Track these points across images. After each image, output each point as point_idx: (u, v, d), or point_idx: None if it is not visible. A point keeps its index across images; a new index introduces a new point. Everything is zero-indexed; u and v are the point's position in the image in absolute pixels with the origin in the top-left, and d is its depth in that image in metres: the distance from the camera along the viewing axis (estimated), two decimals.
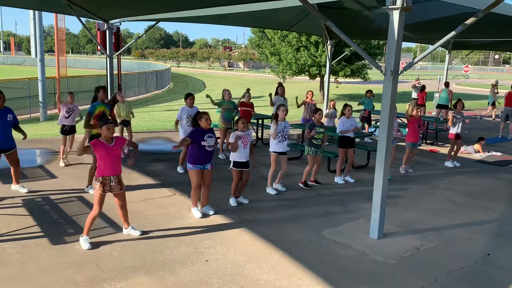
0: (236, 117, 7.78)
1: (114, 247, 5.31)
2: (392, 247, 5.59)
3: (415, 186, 8.39)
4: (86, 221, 5.35)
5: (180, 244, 5.46)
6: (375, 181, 5.70)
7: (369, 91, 13.14)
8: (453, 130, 9.97)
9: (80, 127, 8.56)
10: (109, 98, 9.44)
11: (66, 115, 8.88)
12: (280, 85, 11.52)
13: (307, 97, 11.58)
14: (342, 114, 8.42)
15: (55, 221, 6.07)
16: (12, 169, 7.10)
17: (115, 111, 9.21)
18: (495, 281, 4.89)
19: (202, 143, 6.08)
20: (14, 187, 7.21)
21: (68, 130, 8.94)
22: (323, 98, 15.12)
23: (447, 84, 16.59)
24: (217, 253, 5.26)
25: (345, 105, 8.48)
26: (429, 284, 4.74)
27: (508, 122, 14.61)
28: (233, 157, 6.85)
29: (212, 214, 6.47)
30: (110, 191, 5.31)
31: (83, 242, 5.28)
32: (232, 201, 7.01)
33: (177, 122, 8.81)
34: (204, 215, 6.40)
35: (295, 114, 14.74)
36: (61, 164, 8.88)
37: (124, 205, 5.56)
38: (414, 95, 17.81)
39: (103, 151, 5.16)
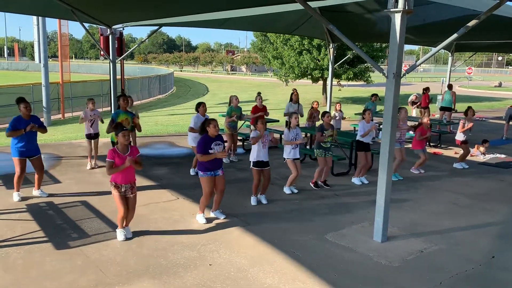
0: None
1: (118, 252, 5.32)
2: (396, 250, 5.57)
3: (418, 189, 8.36)
4: (117, 220, 5.70)
5: (183, 249, 5.46)
6: (378, 184, 5.69)
7: (375, 95, 13.15)
8: (460, 137, 9.97)
9: (103, 130, 8.82)
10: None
11: (90, 124, 9.13)
12: (295, 91, 11.54)
13: (312, 107, 11.62)
14: (363, 118, 8.58)
15: (59, 226, 6.08)
16: (36, 175, 7.24)
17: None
18: (500, 284, 4.86)
19: (210, 151, 6.08)
20: (35, 192, 7.33)
21: (93, 136, 9.23)
22: (326, 101, 15.10)
23: (450, 87, 16.55)
24: (220, 257, 5.26)
25: (365, 110, 8.68)
26: (433, 287, 4.71)
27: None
28: (253, 157, 7.02)
29: (223, 219, 6.46)
30: (124, 193, 5.57)
31: (119, 233, 5.69)
32: (253, 200, 7.20)
33: (191, 129, 8.42)
34: (209, 220, 6.39)
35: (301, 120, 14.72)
36: (88, 166, 9.13)
37: (132, 209, 5.73)
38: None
39: (118, 162, 5.42)
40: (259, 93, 10.88)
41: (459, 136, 10.00)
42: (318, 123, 8.46)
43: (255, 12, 8.96)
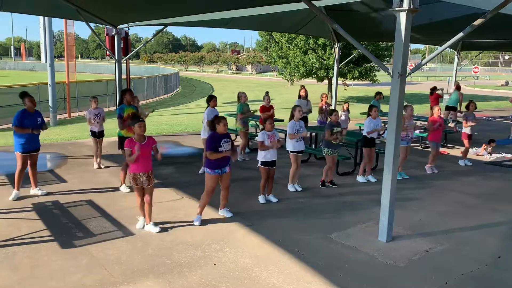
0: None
1: (123, 251, 5.34)
2: (401, 250, 5.55)
3: (424, 188, 8.32)
4: (140, 210, 5.99)
5: (188, 248, 5.47)
6: (383, 184, 5.66)
7: (379, 93, 13.08)
8: (467, 131, 9.94)
9: (109, 129, 8.73)
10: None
11: (93, 122, 9.04)
12: (302, 87, 11.53)
13: (322, 100, 11.57)
14: (368, 115, 8.59)
15: (64, 225, 6.12)
16: (30, 172, 7.23)
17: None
18: (506, 284, 4.83)
19: (220, 149, 6.06)
20: (33, 191, 7.35)
21: (98, 134, 9.13)
22: (332, 100, 15.07)
23: (458, 87, 16.44)
24: (225, 257, 5.27)
25: (371, 106, 8.67)
26: (438, 287, 4.69)
27: None
28: (261, 156, 7.08)
29: (230, 217, 6.51)
30: (142, 185, 5.79)
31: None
32: (261, 199, 7.27)
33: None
34: (214, 220, 6.38)
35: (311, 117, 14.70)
36: (95, 166, 9.09)
37: (149, 200, 5.89)
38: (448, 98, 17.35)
39: (135, 151, 5.56)
40: (267, 93, 10.87)
41: (467, 130, 9.96)
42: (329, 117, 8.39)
43: (260, 11, 8.96)
